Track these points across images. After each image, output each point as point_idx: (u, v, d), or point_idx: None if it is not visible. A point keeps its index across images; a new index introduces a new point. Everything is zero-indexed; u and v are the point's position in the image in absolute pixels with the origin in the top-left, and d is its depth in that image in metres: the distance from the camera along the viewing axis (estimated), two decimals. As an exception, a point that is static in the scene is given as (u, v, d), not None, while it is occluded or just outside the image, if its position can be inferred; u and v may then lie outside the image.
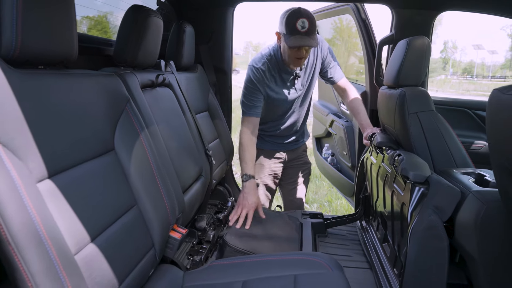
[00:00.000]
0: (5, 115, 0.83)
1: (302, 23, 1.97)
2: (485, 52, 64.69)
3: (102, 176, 1.15)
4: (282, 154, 2.59)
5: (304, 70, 2.33)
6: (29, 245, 0.77)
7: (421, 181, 1.56)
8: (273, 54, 2.23)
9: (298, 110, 2.45)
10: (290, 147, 2.60)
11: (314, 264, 1.41)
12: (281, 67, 2.24)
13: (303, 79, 2.35)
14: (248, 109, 2.24)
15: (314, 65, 2.37)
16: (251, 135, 2.24)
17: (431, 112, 1.90)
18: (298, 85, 2.33)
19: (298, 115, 2.47)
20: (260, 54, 2.28)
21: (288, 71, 2.25)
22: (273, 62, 2.22)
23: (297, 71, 2.28)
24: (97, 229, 1.05)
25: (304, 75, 2.35)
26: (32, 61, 0.99)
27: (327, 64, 2.42)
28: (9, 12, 0.87)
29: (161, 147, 1.58)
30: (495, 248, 1.39)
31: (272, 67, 2.23)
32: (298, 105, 2.43)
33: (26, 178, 0.83)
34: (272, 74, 2.24)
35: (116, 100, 1.30)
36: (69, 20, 1.07)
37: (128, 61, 1.62)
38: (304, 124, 2.61)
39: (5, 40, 0.88)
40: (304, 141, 2.69)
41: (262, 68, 2.21)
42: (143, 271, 1.25)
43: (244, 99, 2.26)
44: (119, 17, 2.22)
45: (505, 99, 1.07)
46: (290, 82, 2.30)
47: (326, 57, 2.39)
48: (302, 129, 2.61)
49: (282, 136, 2.53)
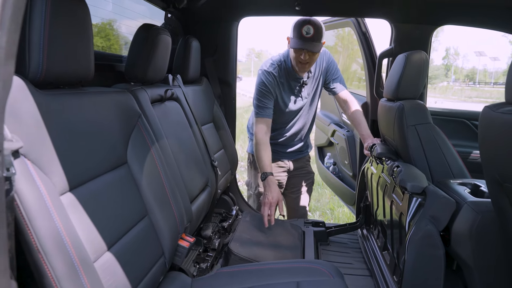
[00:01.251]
0: (34, 134, 0.90)
1: (307, 29, 2.14)
2: (487, 58, 64.82)
3: (116, 188, 1.23)
4: (286, 163, 2.67)
5: (311, 79, 2.45)
6: (55, 252, 0.84)
7: (418, 191, 1.63)
8: (283, 60, 2.38)
9: (303, 118, 2.54)
10: (295, 157, 2.68)
11: (316, 272, 1.47)
12: (290, 73, 2.37)
13: (309, 87, 2.46)
14: (261, 110, 2.35)
15: (319, 76, 2.48)
16: (265, 135, 2.34)
17: (428, 124, 1.98)
18: (305, 93, 2.45)
19: (303, 123, 2.56)
20: (271, 60, 2.42)
21: (296, 77, 2.38)
22: (283, 69, 2.36)
23: (304, 79, 2.40)
24: (113, 238, 1.13)
25: (311, 84, 2.46)
26: (55, 83, 1.07)
27: (330, 75, 2.52)
28: (37, 40, 0.95)
29: (170, 159, 1.65)
30: (490, 256, 1.45)
31: (281, 74, 2.37)
32: (304, 113, 2.53)
33: (52, 191, 0.90)
34: (281, 81, 2.37)
35: (129, 116, 1.38)
36: (87, 43, 1.15)
37: (139, 77, 1.70)
38: (309, 134, 2.70)
39: (33, 65, 0.96)
40: (308, 152, 2.78)
41: (273, 73, 2.35)
42: (154, 278, 1.33)
43: (257, 102, 2.37)
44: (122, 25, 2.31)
45: (495, 117, 1.14)
46: (297, 89, 2.42)
47: (330, 68, 2.50)
48: (306, 139, 2.69)
49: (286, 145, 2.61)
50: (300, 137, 2.63)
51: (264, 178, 2.26)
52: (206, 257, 1.98)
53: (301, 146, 2.68)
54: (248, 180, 2.82)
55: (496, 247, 1.44)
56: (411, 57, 2.02)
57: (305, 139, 2.69)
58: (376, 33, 3.15)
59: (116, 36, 2.36)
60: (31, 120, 0.91)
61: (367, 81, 2.89)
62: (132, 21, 2.41)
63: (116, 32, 2.35)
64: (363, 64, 2.93)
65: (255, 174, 2.69)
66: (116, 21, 2.30)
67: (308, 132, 2.68)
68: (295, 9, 2.30)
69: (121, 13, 2.34)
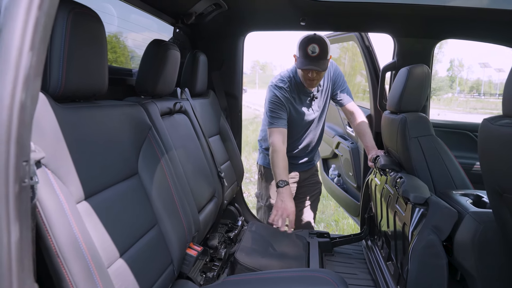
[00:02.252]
0: (54, 145, 0.96)
1: (312, 48, 2.17)
2: (492, 70, 64.83)
3: (128, 198, 1.28)
4: (296, 174, 2.71)
5: (321, 93, 2.52)
6: (73, 258, 0.89)
7: (421, 202, 1.66)
8: (292, 76, 2.43)
9: (313, 131, 2.61)
10: (304, 168, 2.74)
11: (320, 280, 1.50)
12: (300, 88, 2.43)
13: (319, 100, 2.53)
14: (276, 121, 2.37)
15: (328, 88, 2.55)
16: (282, 144, 2.32)
17: (431, 136, 2.02)
18: (315, 106, 2.52)
19: (313, 135, 2.63)
20: (280, 75, 2.48)
21: (307, 92, 2.44)
22: (293, 84, 2.42)
23: (314, 93, 2.46)
24: (125, 245, 1.17)
25: (321, 97, 2.53)
26: (71, 96, 1.13)
27: (337, 86, 2.58)
28: (57, 57, 1.01)
29: (179, 170, 1.70)
30: (493, 265, 1.48)
31: (292, 88, 2.42)
32: (314, 125, 2.59)
33: (69, 199, 0.95)
34: (292, 96, 2.43)
35: (140, 128, 1.44)
36: (102, 58, 1.21)
37: (149, 90, 1.76)
38: (318, 144, 2.74)
39: (53, 80, 1.02)
40: (315, 162, 2.83)
41: (284, 87, 2.41)
42: (163, 285, 1.36)
43: (271, 114, 2.39)
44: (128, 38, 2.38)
45: (494, 129, 1.19)
46: (307, 103, 2.49)
47: (337, 80, 2.57)
48: (315, 150, 2.75)
49: (297, 157, 2.66)
50: (312, 149, 2.69)
51: (283, 185, 2.20)
52: (213, 266, 2.01)
53: (310, 158, 2.74)
54: (259, 192, 2.85)
55: (499, 257, 1.46)
56: (413, 71, 2.07)
57: (315, 150, 2.74)
58: (379, 46, 3.21)
59: (122, 49, 2.44)
60: (51, 132, 0.96)
61: (370, 94, 2.94)
62: (138, 34, 2.49)
63: (122, 45, 2.43)
64: (367, 77, 2.99)
65: (266, 186, 2.73)
66: (121, 34, 2.37)
67: (318, 143, 2.73)
68: (300, 24, 2.37)
69: (127, 27, 2.42)
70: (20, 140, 0.60)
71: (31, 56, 0.60)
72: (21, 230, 0.62)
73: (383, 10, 2.19)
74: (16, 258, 0.61)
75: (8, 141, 0.58)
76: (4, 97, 0.57)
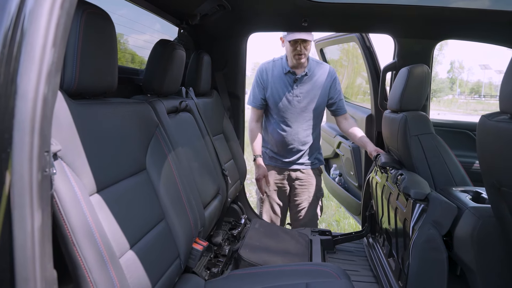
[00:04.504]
0: (69, 139, 1.00)
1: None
2: (493, 71, 64.84)
3: (136, 192, 1.32)
4: (290, 173, 2.76)
5: (306, 81, 2.61)
6: (87, 246, 0.93)
7: (421, 198, 1.70)
8: (281, 57, 2.69)
9: (298, 121, 2.65)
10: (297, 166, 2.76)
11: (323, 273, 1.54)
12: (285, 68, 2.63)
13: (302, 88, 2.62)
14: (252, 101, 2.74)
15: (320, 86, 2.63)
16: (255, 122, 2.76)
17: (431, 134, 2.06)
18: (297, 91, 2.62)
19: (298, 126, 2.66)
20: (272, 58, 2.75)
21: (290, 72, 2.62)
22: (278, 63, 2.68)
23: (298, 76, 2.61)
24: (134, 238, 1.21)
25: (305, 85, 2.62)
26: (83, 93, 1.17)
27: (333, 93, 2.67)
28: (72, 55, 1.05)
29: (185, 167, 1.74)
30: (492, 260, 1.51)
31: (277, 67, 2.68)
32: (297, 113, 2.64)
33: (83, 191, 0.99)
34: (275, 73, 2.65)
35: (148, 126, 1.48)
36: (113, 57, 1.25)
37: (156, 89, 1.80)
38: (308, 144, 2.72)
39: (67, 77, 1.06)
40: (315, 164, 2.82)
41: (266, 66, 2.70)
42: (170, 278, 1.40)
43: (251, 91, 2.76)
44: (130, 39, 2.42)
45: (491, 125, 1.23)
46: (289, 84, 2.64)
47: (334, 85, 2.66)
48: (305, 148, 2.72)
49: (285, 151, 2.70)
50: (298, 144, 2.68)
51: (254, 159, 2.73)
52: (217, 262, 2.05)
53: (302, 155, 2.73)
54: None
55: (498, 252, 1.49)
56: (414, 71, 2.11)
57: (304, 147, 2.71)
58: (379, 46, 3.25)
59: (123, 50, 2.48)
60: (66, 127, 1.00)
61: (371, 94, 2.98)
62: (141, 35, 2.53)
63: (123, 46, 2.46)
64: (367, 78, 3.03)
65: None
66: (123, 34, 2.41)
67: (308, 140, 2.71)
68: (302, 25, 2.41)
69: (131, 27, 2.45)
70: (42, 132, 0.64)
71: (53, 53, 0.65)
72: (43, 217, 0.66)
73: (383, 11, 2.23)
74: (39, 243, 0.65)
75: (32, 132, 0.62)
76: (29, 91, 0.61)
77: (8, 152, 0.61)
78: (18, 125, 0.60)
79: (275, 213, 2.82)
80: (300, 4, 2.07)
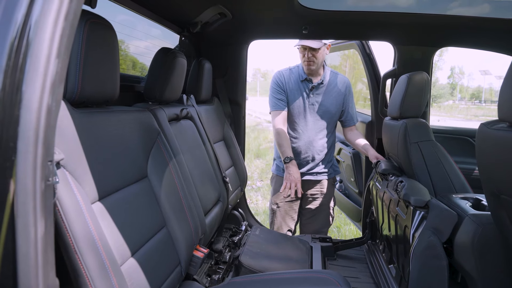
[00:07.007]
0: (71, 148, 1.01)
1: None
2: (493, 77, 64.99)
3: (138, 200, 1.32)
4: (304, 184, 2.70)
5: (322, 90, 2.64)
6: (90, 254, 0.94)
7: (421, 205, 1.70)
8: (297, 66, 2.70)
9: (313, 128, 2.65)
10: (311, 177, 2.72)
11: (324, 281, 1.54)
12: (301, 75, 2.64)
13: (318, 97, 2.64)
14: (275, 104, 2.65)
15: (336, 95, 2.66)
16: (282, 125, 2.62)
17: (431, 141, 2.06)
18: (312, 99, 2.64)
19: (313, 133, 2.65)
20: (288, 66, 2.76)
21: (306, 79, 2.63)
22: (295, 71, 2.70)
23: (314, 84, 2.62)
24: (135, 245, 1.22)
25: (321, 93, 2.64)
26: (86, 102, 1.19)
27: (346, 104, 2.70)
28: (74, 65, 1.07)
29: (186, 174, 1.75)
30: (493, 267, 1.51)
31: (293, 74, 2.68)
32: (313, 120, 2.64)
33: (85, 199, 1.00)
34: (292, 81, 2.65)
35: (149, 133, 1.49)
36: (115, 66, 1.27)
37: (157, 97, 1.82)
38: (323, 153, 2.70)
39: (70, 87, 1.07)
40: (330, 174, 2.79)
41: (283, 73, 2.69)
42: (171, 285, 1.41)
43: (271, 98, 2.69)
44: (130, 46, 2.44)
45: (490, 133, 1.23)
46: (306, 91, 2.65)
47: (348, 96, 2.70)
48: (318, 160, 2.70)
49: (300, 161, 2.68)
50: (312, 153, 2.67)
51: (288, 161, 2.48)
52: (218, 269, 2.05)
53: (314, 166, 2.71)
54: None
55: (499, 259, 1.49)
56: (413, 78, 2.12)
57: (317, 158, 2.69)
58: (379, 53, 3.27)
59: (123, 56, 2.50)
60: (69, 135, 1.01)
61: (371, 100, 2.99)
62: (146, 42, 2.55)
63: (124, 52, 2.48)
64: (367, 84, 3.05)
65: (273, 192, 2.82)
66: (124, 41, 2.43)
67: (321, 151, 2.69)
68: (303, 33, 2.43)
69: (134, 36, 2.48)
70: (46, 141, 0.65)
71: (57, 63, 0.66)
72: (46, 225, 0.67)
73: (383, 19, 2.25)
74: (42, 251, 0.66)
75: (36, 142, 0.63)
76: (33, 101, 0.62)
77: (13, 161, 0.61)
78: (23, 135, 0.61)
79: (287, 225, 2.79)
80: (300, 12, 2.09)
